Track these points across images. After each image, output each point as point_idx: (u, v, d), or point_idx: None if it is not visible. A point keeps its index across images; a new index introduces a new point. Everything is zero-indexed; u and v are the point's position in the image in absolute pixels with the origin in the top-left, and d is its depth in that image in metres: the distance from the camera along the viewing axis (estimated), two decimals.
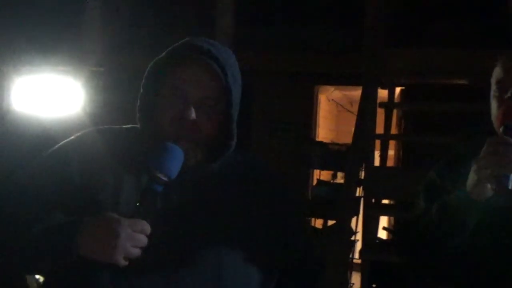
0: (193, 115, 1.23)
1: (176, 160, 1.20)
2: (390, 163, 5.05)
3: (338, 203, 3.15)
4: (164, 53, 1.30)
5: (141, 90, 1.31)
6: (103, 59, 5.22)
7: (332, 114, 7.21)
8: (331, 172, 5.00)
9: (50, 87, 5.84)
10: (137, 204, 1.15)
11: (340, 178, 6.00)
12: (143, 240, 1.12)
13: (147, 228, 1.13)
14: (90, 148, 1.31)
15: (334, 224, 3.55)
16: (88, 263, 1.13)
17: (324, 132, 6.25)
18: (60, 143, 1.34)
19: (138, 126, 1.35)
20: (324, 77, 5.11)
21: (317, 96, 5.37)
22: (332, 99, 6.69)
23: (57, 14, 5.38)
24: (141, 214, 1.13)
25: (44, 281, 1.36)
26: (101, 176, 1.25)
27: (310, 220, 4.75)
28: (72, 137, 1.35)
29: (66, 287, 1.23)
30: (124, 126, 1.39)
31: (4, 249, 1.21)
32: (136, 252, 1.11)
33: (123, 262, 1.11)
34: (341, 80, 5.05)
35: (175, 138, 1.23)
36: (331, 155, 4.33)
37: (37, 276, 3.80)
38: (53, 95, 5.80)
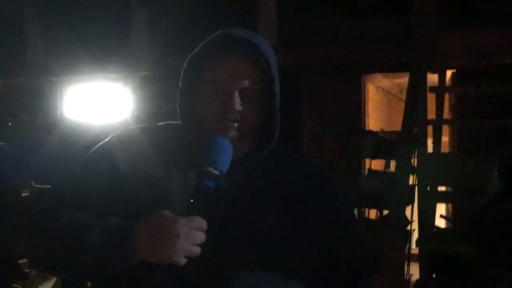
0: (237, 106, 1.22)
1: (226, 154, 1.19)
2: (444, 149, 4.89)
3: (391, 192, 3.06)
4: (200, 46, 1.28)
5: (180, 85, 1.30)
6: (152, 65, 5.31)
7: (383, 103, 7.06)
8: (383, 162, 4.89)
9: (101, 95, 6.00)
10: (191, 200, 1.13)
11: (393, 168, 5.88)
12: (202, 237, 1.10)
13: (204, 224, 1.11)
14: (133, 144, 1.30)
15: (387, 214, 3.47)
16: (144, 266, 1.11)
17: (374, 122, 6.13)
18: (99, 144, 1.33)
19: (173, 122, 1.35)
20: (371, 65, 5.01)
21: (365, 85, 5.27)
22: (381, 87, 6.54)
23: (106, 22, 5.51)
24: (195, 211, 1.11)
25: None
26: (148, 172, 1.24)
27: (363, 212, 4.67)
28: (113, 135, 1.34)
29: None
30: (159, 124, 1.38)
31: (61, 258, 1.19)
32: (196, 250, 1.09)
33: (183, 261, 1.08)
34: (387, 67, 4.94)
35: (221, 132, 1.22)
36: (381, 144, 4.23)
37: None
38: (104, 102, 5.95)
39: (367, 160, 4.84)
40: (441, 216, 4.11)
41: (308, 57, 4.81)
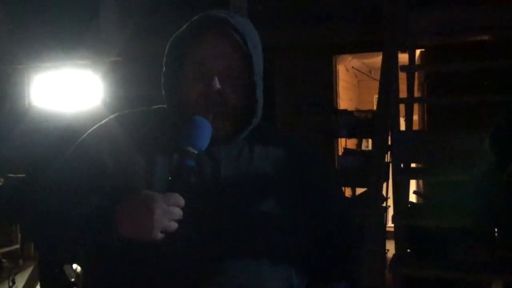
0: (217, 86, 1.24)
1: (204, 133, 1.21)
2: (415, 128, 5.00)
3: (369, 170, 3.12)
4: (182, 28, 1.30)
5: (164, 68, 1.31)
6: (121, 50, 5.24)
7: (352, 84, 7.15)
8: (355, 141, 4.97)
9: (70, 82, 5.90)
10: (169, 178, 1.16)
11: (364, 146, 5.98)
12: (178, 212, 1.12)
13: (181, 200, 1.13)
14: (119, 131, 1.32)
15: (364, 192, 3.53)
16: (125, 248, 1.14)
17: (345, 103, 6.21)
18: (90, 130, 1.35)
19: (157, 107, 1.37)
20: (342, 46, 5.06)
21: (335, 66, 5.32)
22: (352, 67, 6.62)
23: (74, 7, 5.40)
24: (174, 189, 1.14)
25: (84, 270, 1.38)
26: (132, 157, 1.26)
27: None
28: (102, 122, 1.36)
29: (107, 274, 1.24)
30: (152, 107, 1.40)
31: (49, 236, 1.24)
32: (173, 225, 1.12)
33: (161, 236, 1.11)
34: (358, 47, 4.99)
35: (203, 112, 1.24)
36: (357, 123, 4.29)
37: (74, 266, 3.89)
38: (74, 89, 5.85)
39: (341, 140, 4.91)
40: (414, 192, 4.21)
41: (279, 37, 4.81)
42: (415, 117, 5.13)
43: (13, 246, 5.13)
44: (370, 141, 5.32)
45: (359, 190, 4.35)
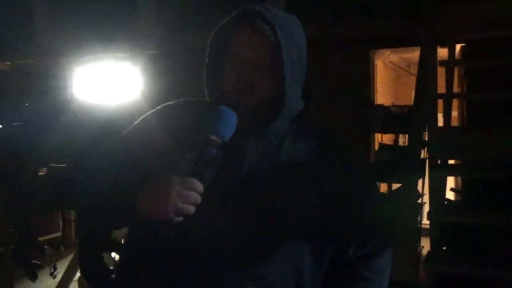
0: (248, 77, 1.26)
1: (228, 123, 1.23)
2: (454, 123, 4.91)
3: (403, 166, 3.10)
4: (223, 21, 1.33)
5: (206, 60, 1.35)
6: (160, 42, 5.31)
7: (390, 78, 7.07)
8: (392, 137, 4.91)
9: (110, 74, 6.02)
10: (191, 164, 1.19)
11: (402, 142, 5.91)
12: (194, 197, 1.16)
13: (199, 186, 1.16)
14: (167, 118, 1.38)
15: (399, 187, 3.50)
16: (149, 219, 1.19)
17: (383, 97, 6.15)
18: (143, 116, 1.43)
19: (196, 99, 1.42)
20: (379, 40, 5.01)
21: (373, 60, 5.27)
22: (390, 62, 6.54)
23: (112, 1, 5.50)
24: (195, 174, 1.18)
25: (119, 258, 1.46)
26: (174, 143, 1.30)
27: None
28: (153, 110, 1.44)
29: (140, 265, 1.30)
30: (182, 100, 1.45)
31: (86, 207, 1.37)
32: (188, 208, 1.16)
33: (176, 219, 1.16)
34: (396, 42, 4.94)
35: (234, 103, 1.27)
36: (393, 118, 4.25)
37: (112, 254, 3.99)
38: (113, 82, 5.98)
39: (377, 135, 4.87)
40: (451, 189, 4.15)
41: (316, 31, 4.79)
42: (455, 113, 5.04)
43: (54, 234, 5.29)
44: (407, 136, 5.25)
45: (396, 186, 4.31)
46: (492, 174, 3.08)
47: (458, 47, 4.82)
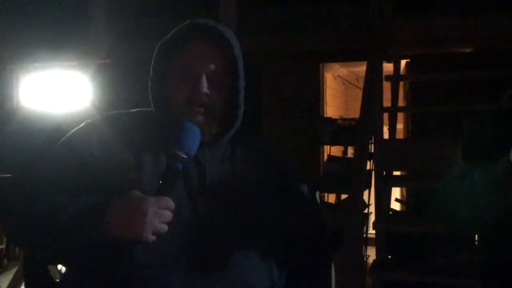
0: (205, 89, 1.28)
1: (194, 138, 1.24)
2: (399, 136, 5.08)
3: (350, 177, 3.19)
4: (169, 35, 1.34)
5: (151, 73, 1.35)
6: (110, 52, 5.26)
7: (340, 91, 7.22)
8: (341, 148, 5.03)
9: (59, 83, 5.90)
10: (160, 182, 1.19)
11: (350, 154, 6.05)
12: (169, 215, 1.16)
13: (172, 204, 1.16)
14: (107, 130, 1.35)
15: (346, 198, 3.59)
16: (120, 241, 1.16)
17: (332, 110, 6.28)
18: (75, 128, 1.37)
19: (145, 109, 1.41)
20: (329, 54, 5.13)
21: (323, 73, 5.39)
22: (338, 76, 6.69)
23: (62, 9, 5.42)
24: (164, 191, 1.18)
25: (65, 271, 1.41)
26: (121, 155, 1.29)
27: (323, 196, 4.80)
28: (86, 122, 1.39)
29: (88, 275, 1.26)
30: (131, 110, 1.43)
31: (36, 237, 1.25)
32: (163, 227, 1.15)
33: (152, 238, 1.14)
34: (345, 56, 5.07)
35: (190, 114, 1.28)
36: (340, 131, 4.36)
37: (59, 267, 3.90)
38: (62, 90, 5.86)
39: (326, 146, 4.97)
40: (396, 199, 4.28)
41: (267, 43, 4.87)
42: (401, 126, 5.21)
43: None
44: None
45: (344, 196, 4.41)
46: (433, 184, 3.19)
47: (403, 62, 4.99)
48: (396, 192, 5.02)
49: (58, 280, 3.60)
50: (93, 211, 1.18)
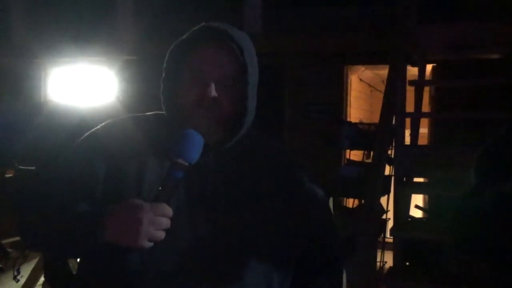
0: (213, 93, 1.27)
1: (195, 146, 1.23)
2: (422, 141, 5.00)
3: (367, 182, 3.15)
4: (181, 38, 1.34)
5: (163, 74, 1.35)
6: (136, 48, 5.31)
7: (365, 93, 7.15)
8: (363, 152, 4.98)
9: (85, 77, 5.99)
10: (159, 188, 1.19)
11: (372, 158, 5.99)
12: (165, 222, 1.16)
13: (169, 210, 1.16)
14: (117, 134, 1.35)
15: (363, 203, 3.55)
16: (116, 247, 1.17)
17: (357, 112, 6.22)
18: (88, 133, 1.39)
19: (159, 112, 1.40)
20: (354, 57, 5.09)
21: (347, 76, 5.34)
22: (363, 79, 6.63)
23: (91, 5, 5.49)
24: (162, 198, 1.17)
25: (78, 265, 1.43)
26: (125, 162, 1.29)
27: (341, 200, 4.77)
28: (99, 126, 1.40)
29: (98, 268, 1.28)
30: (149, 113, 1.43)
31: (42, 235, 1.28)
32: (159, 234, 1.15)
33: (148, 245, 1.15)
34: (370, 59, 5.02)
35: (198, 117, 1.28)
36: (360, 135, 4.32)
37: (78, 259, 3.96)
38: (88, 85, 5.95)
39: (347, 150, 4.93)
40: (416, 206, 4.22)
41: (291, 44, 4.86)
42: (424, 130, 5.13)
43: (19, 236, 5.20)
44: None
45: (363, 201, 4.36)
46: (453, 192, 3.14)
47: (429, 66, 4.91)
48: (418, 199, 4.95)
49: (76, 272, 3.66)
50: (91, 216, 1.19)
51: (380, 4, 4.76)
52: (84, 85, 5.97)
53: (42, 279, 4.12)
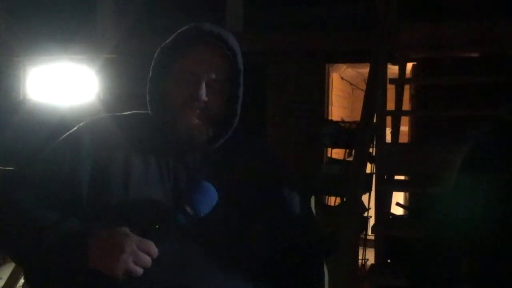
0: (204, 96, 1.29)
1: (209, 200, 1.22)
2: (403, 139, 5.04)
3: (349, 179, 3.17)
4: (172, 37, 1.34)
5: (151, 74, 1.35)
6: (117, 46, 5.27)
7: (347, 92, 7.19)
8: (346, 151, 5.01)
9: (65, 76, 5.93)
10: (156, 227, 1.16)
11: (353, 156, 6.02)
12: (146, 260, 1.13)
13: (154, 250, 1.14)
14: (99, 133, 1.34)
15: (345, 201, 3.58)
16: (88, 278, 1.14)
17: (338, 111, 6.25)
18: (71, 131, 1.37)
19: (140, 112, 1.40)
20: (336, 55, 5.10)
21: (329, 74, 5.35)
22: (345, 77, 6.66)
23: (71, 3, 5.44)
24: (152, 237, 1.15)
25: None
26: (110, 161, 1.28)
27: (323, 198, 4.78)
28: (81, 124, 1.38)
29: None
30: (126, 113, 1.43)
31: (19, 250, 1.23)
32: (137, 270, 1.13)
33: (122, 277, 1.12)
34: (352, 57, 5.04)
35: (187, 117, 1.29)
36: (341, 133, 4.34)
37: None
38: (68, 84, 5.89)
39: (330, 149, 4.95)
40: (397, 203, 4.25)
41: (273, 42, 4.86)
42: (405, 128, 5.17)
43: None
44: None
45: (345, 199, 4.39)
46: (434, 189, 3.17)
47: (409, 65, 4.95)
48: (399, 197, 4.99)
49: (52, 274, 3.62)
50: (75, 239, 1.16)
51: (361, 2, 4.78)
52: (64, 84, 5.91)
53: (21, 280, 4.08)
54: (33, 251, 1.19)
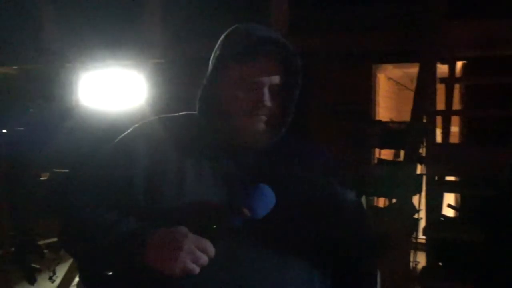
0: (267, 102, 1.31)
1: (267, 204, 1.23)
2: (454, 140, 4.94)
3: (398, 181, 3.13)
4: (226, 44, 1.35)
5: (205, 82, 1.36)
6: (165, 51, 5.36)
7: (393, 92, 7.09)
8: (394, 152, 4.95)
9: (116, 81, 6.08)
10: (214, 226, 1.18)
11: (402, 157, 5.93)
12: (203, 259, 1.15)
13: (211, 250, 1.16)
14: (153, 134, 1.38)
15: (395, 202, 3.53)
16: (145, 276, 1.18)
17: (385, 111, 6.18)
18: (125, 133, 1.41)
19: (191, 112, 1.42)
20: (382, 55, 5.05)
21: (375, 75, 5.30)
22: (391, 78, 6.58)
23: (120, 8, 5.56)
24: (212, 237, 1.17)
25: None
26: (164, 163, 1.31)
27: (372, 200, 4.74)
28: (135, 126, 1.42)
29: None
30: (178, 114, 1.46)
31: (82, 248, 1.29)
32: (193, 268, 1.14)
33: (179, 275, 1.14)
34: (398, 57, 4.97)
35: (254, 123, 1.32)
36: (390, 134, 4.29)
37: None
38: (118, 89, 6.03)
39: (378, 150, 4.90)
40: (449, 205, 4.17)
41: (318, 44, 4.84)
42: (456, 129, 5.07)
43: (54, 237, 5.31)
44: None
45: (395, 201, 4.32)
46: (485, 191, 3.10)
47: (459, 63, 4.84)
48: (450, 198, 4.89)
49: (111, 273, 3.72)
50: (135, 238, 1.19)
51: (408, 1, 4.71)
52: (114, 89, 6.06)
53: (76, 279, 4.20)
54: (93, 250, 1.25)
